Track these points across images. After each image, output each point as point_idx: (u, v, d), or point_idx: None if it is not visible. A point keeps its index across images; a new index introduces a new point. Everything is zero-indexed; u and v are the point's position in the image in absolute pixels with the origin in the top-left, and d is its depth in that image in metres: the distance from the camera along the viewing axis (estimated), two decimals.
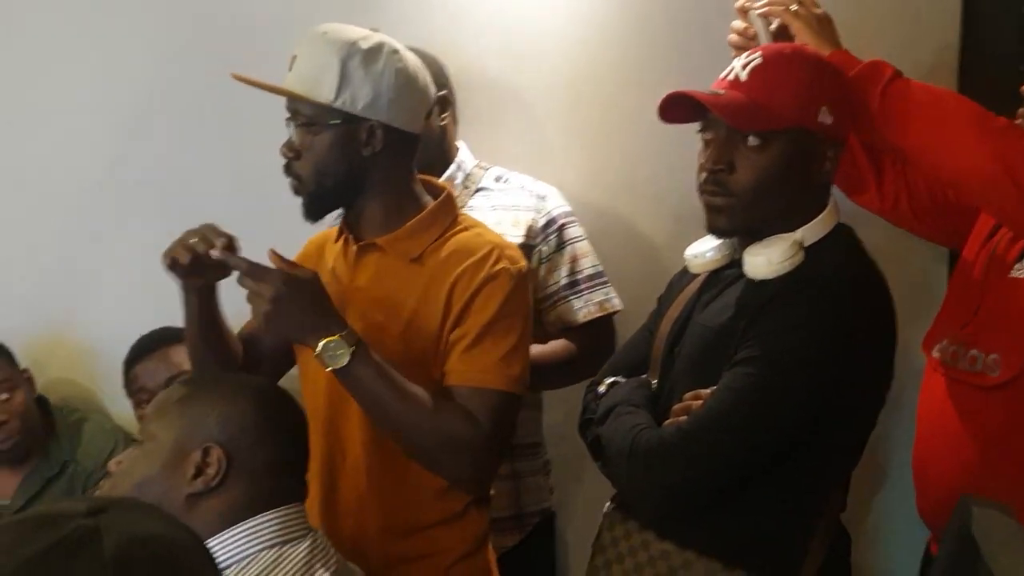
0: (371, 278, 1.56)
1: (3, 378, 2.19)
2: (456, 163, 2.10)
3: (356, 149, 1.51)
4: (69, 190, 2.41)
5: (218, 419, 1.29)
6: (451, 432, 1.47)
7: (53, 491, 2.23)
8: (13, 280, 2.45)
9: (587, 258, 2.10)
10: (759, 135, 1.42)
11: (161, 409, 1.34)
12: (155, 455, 1.29)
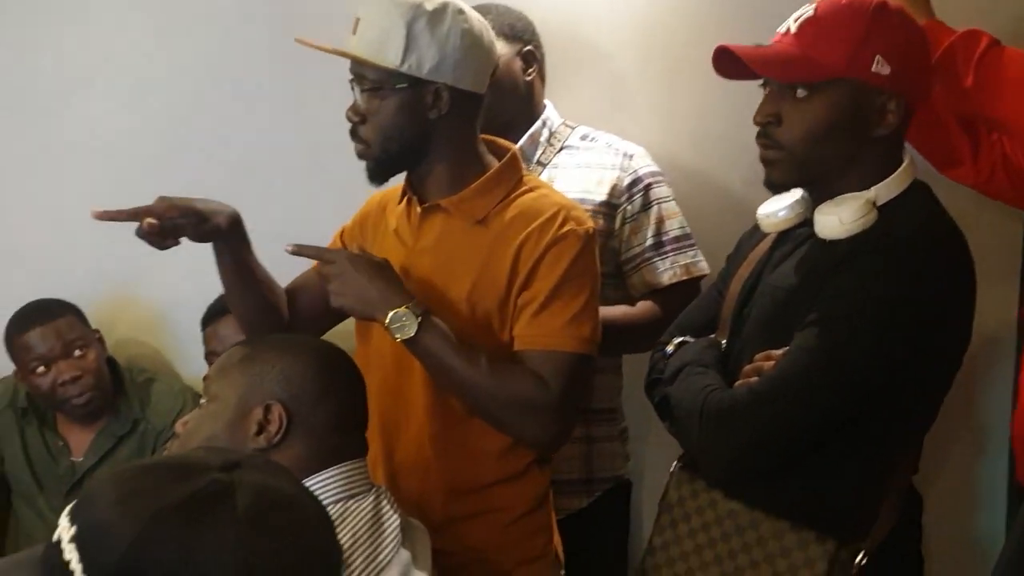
0: (435, 240, 1.56)
1: (76, 336, 2.24)
2: (542, 119, 2.06)
3: (422, 112, 1.50)
4: (137, 155, 2.44)
5: (278, 377, 1.30)
6: (521, 396, 1.47)
7: (124, 449, 2.28)
8: (84, 243, 2.49)
9: (674, 219, 2.05)
10: (806, 86, 1.40)
11: (223, 370, 1.36)
12: (219, 414, 1.31)
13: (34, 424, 2.31)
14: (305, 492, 0.86)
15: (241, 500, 0.77)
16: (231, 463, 0.81)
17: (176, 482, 0.78)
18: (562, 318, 1.49)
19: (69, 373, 2.19)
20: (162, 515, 0.76)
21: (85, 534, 0.76)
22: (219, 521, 0.76)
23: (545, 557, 1.61)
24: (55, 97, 2.45)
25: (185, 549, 0.74)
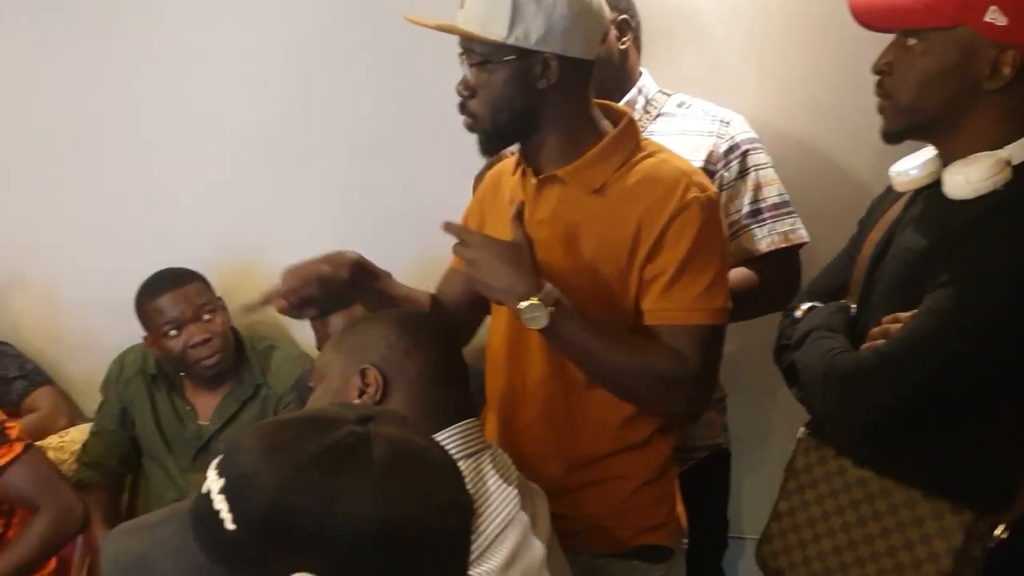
0: (552, 211, 1.54)
1: (205, 301, 2.33)
2: (637, 87, 2.05)
3: (531, 83, 1.48)
4: (258, 129, 2.52)
5: (367, 344, 1.36)
6: (661, 373, 1.45)
7: (247, 413, 2.36)
8: (207, 214, 2.60)
9: (772, 186, 2.01)
10: (915, 35, 1.36)
11: (324, 354, 1.44)
12: (328, 391, 1.38)
13: (163, 390, 2.40)
14: (434, 444, 0.87)
15: (376, 451, 0.79)
16: (365, 416, 0.83)
17: (315, 434, 0.80)
18: (694, 291, 1.46)
19: (199, 335, 2.28)
20: (304, 465, 0.78)
21: (233, 485, 0.79)
22: (357, 470, 0.78)
23: (667, 526, 1.59)
24: (179, 78, 2.54)
25: (326, 497, 0.76)
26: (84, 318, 2.76)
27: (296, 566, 0.75)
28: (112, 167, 2.65)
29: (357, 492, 0.77)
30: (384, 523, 0.76)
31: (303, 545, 0.75)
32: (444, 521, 0.81)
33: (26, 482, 2.17)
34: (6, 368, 2.68)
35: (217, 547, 0.78)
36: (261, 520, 0.76)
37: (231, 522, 0.77)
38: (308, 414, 0.89)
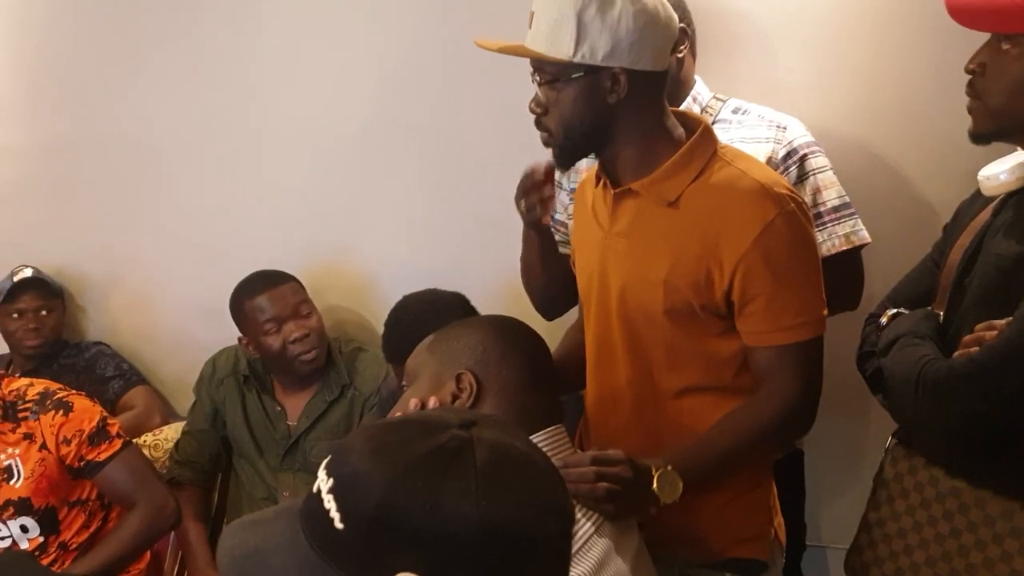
0: (629, 225, 1.53)
1: (301, 299, 2.39)
2: (691, 95, 2.03)
3: (601, 98, 1.47)
4: (350, 133, 2.57)
5: (463, 348, 1.37)
6: (777, 425, 1.48)
7: (334, 414, 2.41)
8: (299, 215, 2.66)
9: (831, 189, 1.99)
10: (1008, 38, 1.34)
11: (417, 354, 1.44)
12: (419, 392, 1.39)
13: (254, 391, 2.46)
14: (535, 449, 0.88)
15: (480, 454, 0.81)
16: (468, 421, 0.84)
17: (421, 437, 0.82)
18: (793, 307, 1.45)
19: (299, 332, 2.34)
20: (410, 467, 0.80)
21: (342, 484, 0.81)
22: (461, 473, 0.79)
23: (761, 538, 1.58)
24: (272, 86, 2.61)
25: (430, 498, 0.78)
26: (178, 320, 2.85)
27: (399, 566, 0.76)
28: (207, 172, 2.73)
29: (460, 495, 0.78)
30: (486, 526, 0.77)
31: (407, 545, 0.77)
32: (545, 525, 0.81)
33: (124, 478, 2.25)
34: (103, 367, 2.79)
35: (325, 544, 0.80)
36: (367, 519, 0.78)
37: (339, 521, 0.79)
38: (413, 417, 0.90)
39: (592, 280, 1.60)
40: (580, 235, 1.66)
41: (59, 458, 2.19)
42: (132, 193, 2.82)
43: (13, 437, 2.19)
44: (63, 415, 2.19)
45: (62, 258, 2.96)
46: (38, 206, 2.94)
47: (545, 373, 1.40)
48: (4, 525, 2.20)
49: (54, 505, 2.22)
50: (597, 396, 1.61)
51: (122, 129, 2.79)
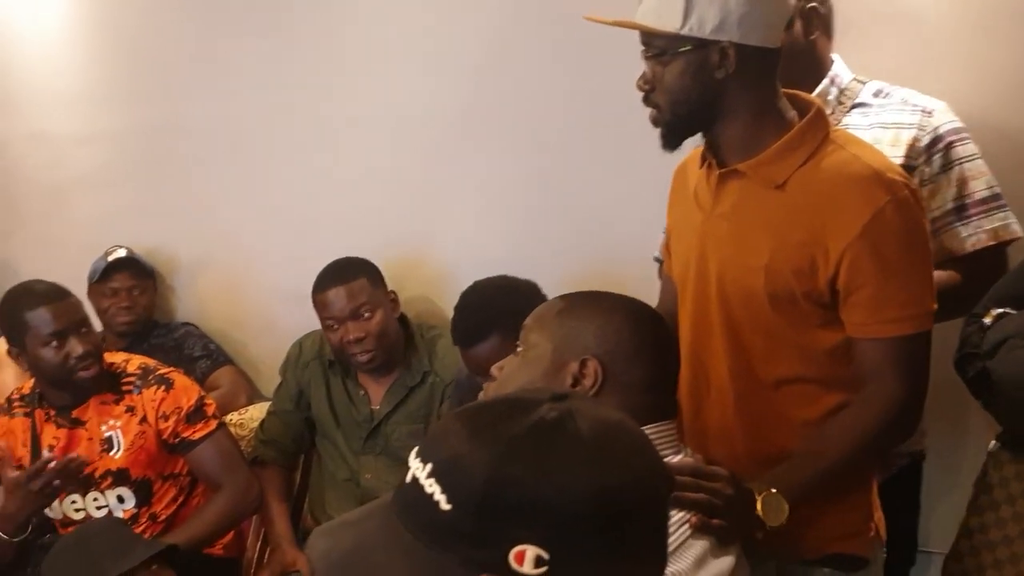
0: (732, 206, 1.50)
1: (364, 301, 2.38)
2: (829, 77, 1.92)
3: (709, 73, 1.44)
4: (431, 121, 2.60)
5: (595, 333, 1.31)
6: (879, 430, 1.44)
7: (414, 399, 2.45)
8: (381, 204, 2.70)
9: (979, 180, 1.86)
10: None
11: (541, 319, 1.37)
12: (536, 363, 1.34)
13: (338, 375, 2.51)
14: (630, 420, 0.88)
15: (581, 423, 0.81)
16: (560, 395, 0.85)
17: (518, 414, 0.83)
18: (900, 299, 1.41)
19: (354, 334, 2.36)
20: (514, 442, 0.80)
21: (443, 467, 0.81)
22: (567, 443, 0.80)
23: (863, 534, 1.55)
24: (360, 73, 2.66)
25: (541, 469, 0.79)
26: (264, 303, 2.92)
27: (516, 539, 0.77)
28: (295, 159, 2.80)
29: (571, 462, 0.79)
30: (598, 491, 0.78)
31: (521, 517, 0.77)
32: (656, 488, 0.83)
33: (213, 459, 2.32)
34: (191, 347, 2.88)
35: (432, 529, 0.80)
36: (477, 496, 0.78)
37: (446, 502, 0.79)
38: (503, 397, 0.90)
39: (689, 264, 1.58)
40: (678, 218, 1.65)
41: (157, 432, 2.27)
42: (222, 178, 2.90)
43: (116, 409, 2.27)
44: (164, 391, 2.26)
45: (153, 240, 3.06)
46: (133, 189, 3.05)
47: (671, 375, 1.38)
48: (102, 495, 2.29)
49: (149, 477, 2.31)
50: (693, 386, 1.60)
51: (214, 115, 2.86)
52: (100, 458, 2.27)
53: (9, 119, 3.16)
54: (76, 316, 2.25)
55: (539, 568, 0.77)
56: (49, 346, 2.20)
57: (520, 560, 0.77)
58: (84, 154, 3.08)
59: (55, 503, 2.30)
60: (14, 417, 2.33)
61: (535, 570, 0.77)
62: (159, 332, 2.93)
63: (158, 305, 3.06)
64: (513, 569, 0.77)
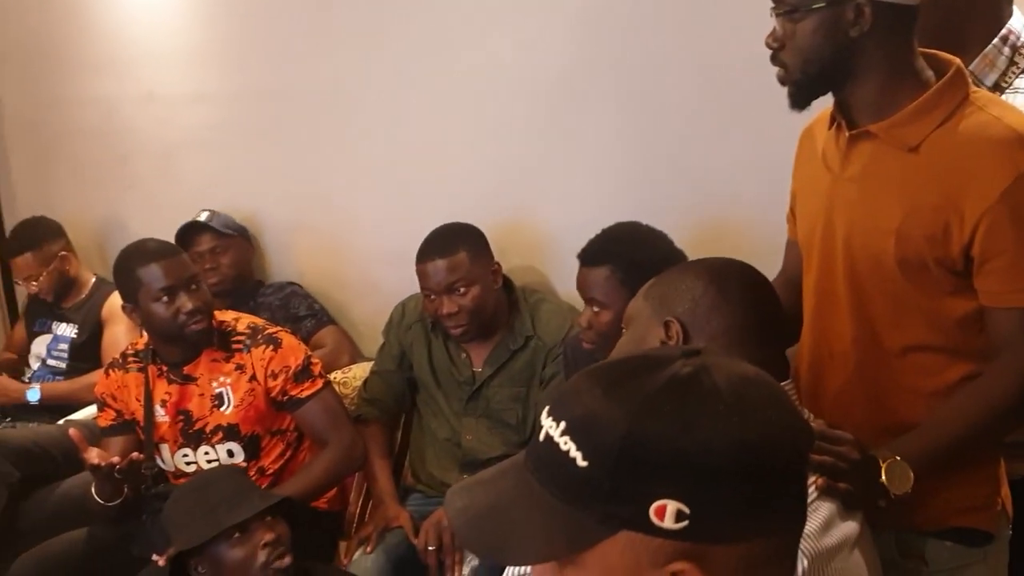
0: (862, 169, 1.46)
1: (460, 277, 2.36)
2: (1002, 35, 1.71)
3: (843, 31, 1.40)
4: (536, 83, 2.58)
5: (675, 294, 1.34)
6: (1008, 405, 1.40)
7: (517, 362, 2.45)
8: (484, 168, 2.70)
9: None
10: None
11: (635, 298, 1.42)
12: (634, 336, 1.38)
13: (440, 337, 2.53)
14: (766, 374, 0.86)
15: (718, 377, 0.80)
16: (692, 351, 0.84)
17: (652, 370, 0.82)
18: None
19: (447, 308, 2.37)
20: (650, 397, 0.79)
21: (578, 424, 0.81)
22: (706, 396, 0.79)
23: (989, 508, 1.52)
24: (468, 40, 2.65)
25: (680, 423, 0.77)
26: (367, 264, 2.96)
27: (655, 493, 0.77)
28: (399, 123, 2.81)
29: (710, 416, 0.78)
30: (740, 445, 0.77)
31: (660, 472, 0.77)
32: (796, 442, 0.81)
33: (320, 416, 2.37)
34: (296, 307, 2.93)
35: (569, 486, 0.80)
36: (615, 451, 0.78)
37: (582, 459, 0.79)
38: (633, 355, 0.89)
39: (815, 228, 1.55)
40: (805, 181, 1.61)
41: (266, 390, 2.32)
42: (328, 140, 2.94)
43: (226, 367, 2.33)
44: (272, 350, 2.31)
45: (258, 201, 3.12)
46: (240, 150, 3.10)
47: (767, 326, 1.35)
48: (212, 449, 2.36)
49: (258, 433, 2.37)
50: (814, 353, 1.57)
51: (320, 78, 2.89)
52: (211, 414, 2.34)
53: (121, 81, 3.25)
54: (186, 273, 2.31)
55: (680, 522, 0.76)
56: (160, 301, 2.27)
57: (661, 515, 0.76)
58: (193, 115, 3.15)
59: (167, 456, 2.39)
60: (128, 372, 2.41)
61: (676, 524, 0.76)
62: (264, 291, 3.00)
63: (262, 266, 3.12)
64: (654, 524, 0.77)
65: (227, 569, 1.88)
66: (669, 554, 0.77)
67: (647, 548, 0.78)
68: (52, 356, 3.18)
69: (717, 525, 0.77)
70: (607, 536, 0.79)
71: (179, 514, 1.97)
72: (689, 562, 0.77)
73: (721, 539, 0.77)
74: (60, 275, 3.14)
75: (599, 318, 2.00)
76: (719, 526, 0.77)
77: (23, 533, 2.51)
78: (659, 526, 0.77)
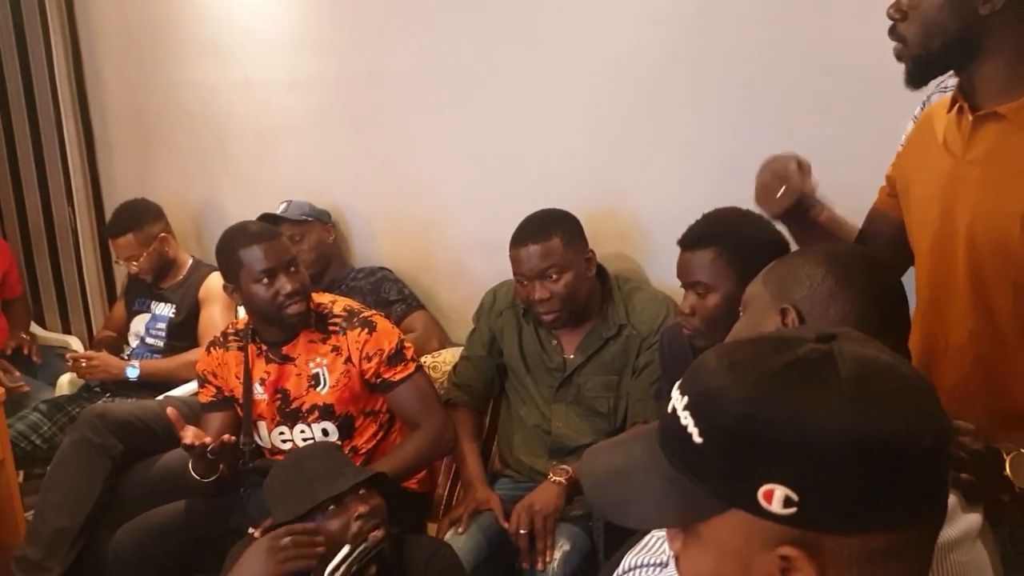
0: (987, 152, 1.42)
1: (553, 263, 2.36)
2: None
3: (971, 7, 1.36)
4: (633, 72, 2.56)
5: (791, 281, 1.31)
6: None
7: (609, 350, 2.44)
8: (578, 156, 2.69)
9: None
10: None
11: (754, 282, 1.39)
12: (751, 320, 1.36)
13: (531, 324, 2.54)
14: (904, 362, 0.84)
15: (843, 365, 0.79)
16: (827, 335, 0.83)
17: (777, 351, 0.82)
18: None
19: (539, 294, 2.37)
20: (770, 379, 0.79)
21: (698, 401, 0.82)
22: (824, 384, 0.78)
23: None
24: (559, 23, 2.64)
25: (794, 410, 0.77)
26: (456, 251, 2.98)
27: (765, 477, 0.77)
28: (491, 110, 2.82)
29: (825, 405, 0.77)
30: (853, 436, 0.75)
31: (771, 456, 0.77)
32: (918, 437, 0.78)
33: (412, 399, 2.40)
34: (387, 292, 2.97)
35: (685, 460, 0.82)
36: (728, 432, 0.78)
37: (698, 435, 0.80)
38: (768, 335, 0.90)
39: (930, 214, 1.51)
40: (919, 166, 1.57)
41: (360, 372, 2.36)
42: (420, 126, 2.96)
43: (323, 348, 2.37)
44: (367, 333, 2.35)
45: (349, 186, 3.17)
46: (333, 136, 3.15)
47: (886, 316, 1.32)
48: (308, 427, 2.40)
49: (352, 413, 2.41)
50: (927, 345, 1.53)
51: (411, 66, 2.92)
52: (307, 393, 2.39)
53: (221, 66, 3.33)
54: (286, 256, 2.36)
55: (787, 508, 0.76)
56: (260, 283, 2.32)
57: (769, 499, 0.76)
58: (289, 101, 3.21)
59: (264, 433, 2.44)
60: (229, 350, 2.47)
61: (783, 510, 0.76)
62: (356, 276, 3.05)
63: (354, 250, 3.17)
64: (762, 507, 0.77)
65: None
66: (778, 538, 0.77)
67: (757, 529, 0.78)
68: (150, 335, 3.28)
69: (828, 515, 0.76)
70: (719, 512, 0.80)
71: (277, 489, 2.02)
72: (798, 549, 0.76)
73: (832, 529, 0.77)
74: (160, 256, 3.24)
75: (705, 302, 1.98)
76: (830, 516, 0.76)
77: (125, 504, 2.59)
78: (767, 509, 0.77)
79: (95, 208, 3.98)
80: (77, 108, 3.85)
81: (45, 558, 2.59)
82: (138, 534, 2.37)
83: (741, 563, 0.80)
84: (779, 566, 0.78)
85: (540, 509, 2.19)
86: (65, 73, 3.80)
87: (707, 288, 1.98)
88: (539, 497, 2.22)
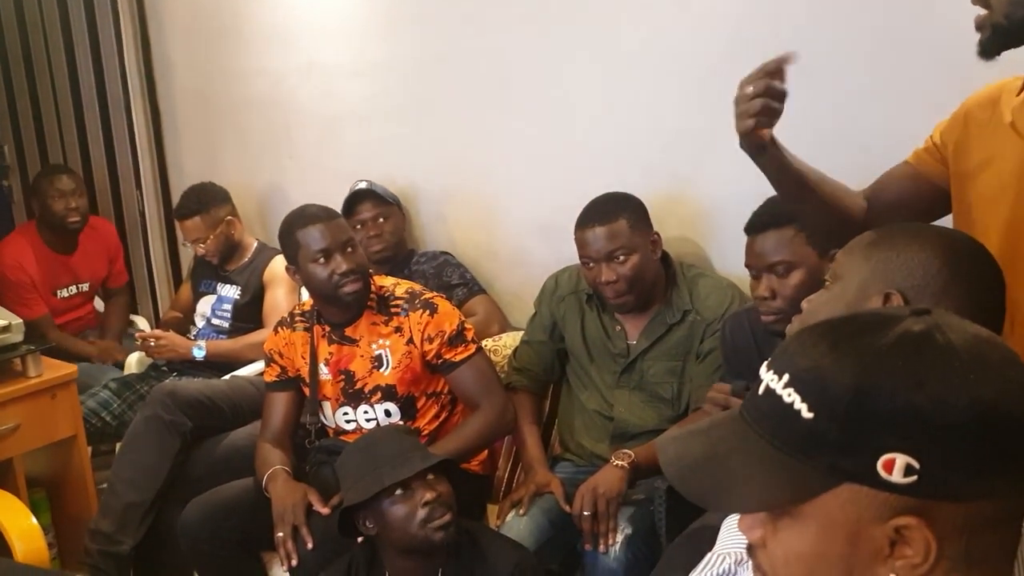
0: None
1: (620, 245, 2.36)
2: None
3: None
4: (697, 56, 2.53)
5: (902, 265, 1.24)
6: None
7: (673, 336, 2.43)
8: (641, 141, 2.68)
9: None
10: None
11: (851, 251, 1.32)
12: (840, 297, 1.29)
13: (595, 309, 2.54)
14: (999, 337, 0.84)
15: (951, 335, 0.79)
16: (921, 310, 0.83)
17: (880, 327, 0.81)
18: None
19: (606, 276, 2.37)
20: (883, 351, 0.79)
21: (803, 377, 0.81)
22: (940, 353, 0.78)
23: None
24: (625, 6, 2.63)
25: (915, 379, 0.77)
26: (518, 236, 2.99)
27: (884, 446, 0.76)
28: (553, 95, 2.81)
29: (946, 371, 0.77)
30: (976, 403, 0.75)
31: (891, 426, 0.76)
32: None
33: (473, 380, 2.42)
34: (449, 275, 2.99)
35: (792, 438, 0.81)
36: (843, 404, 0.78)
37: (807, 411, 0.79)
38: (858, 314, 0.88)
39: (1004, 195, 1.46)
40: (982, 145, 1.53)
41: (422, 353, 2.39)
42: (483, 111, 2.97)
43: (385, 330, 2.40)
44: (429, 315, 2.37)
45: (413, 170, 3.19)
46: (396, 120, 3.18)
47: (989, 312, 1.27)
48: (371, 408, 2.44)
49: (414, 394, 2.43)
50: None
51: (478, 49, 2.92)
52: (370, 374, 2.42)
53: (286, 51, 3.37)
54: (342, 236, 2.39)
55: (908, 477, 0.76)
56: (317, 263, 2.36)
57: (889, 468, 0.76)
58: (353, 86, 3.24)
59: (328, 413, 2.48)
60: (295, 331, 2.51)
61: (904, 479, 0.76)
62: (419, 259, 3.07)
63: (417, 235, 3.20)
64: (880, 477, 0.77)
65: (390, 525, 1.95)
66: (895, 509, 0.77)
67: (872, 502, 0.78)
68: (216, 316, 3.35)
69: (946, 482, 0.76)
70: (829, 488, 0.79)
71: (347, 471, 2.05)
72: (916, 517, 0.76)
73: (949, 496, 0.76)
74: (226, 239, 3.30)
75: (788, 281, 1.95)
76: (948, 483, 0.76)
77: (193, 480, 2.65)
78: (886, 479, 0.76)
79: (162, 192, 4.07)
80: (146, 94, 3.94)
81: (117, 531, 2.66)
82: (206, 509, 2.42)
83: (848, 539, 0.79)
84: (890, 539, 0.78)
85: (604, 492, 2.20)
86: (134, 60, 3.89)
87: (789, 267, 1.95)
88: (603, 480, 2.23)
